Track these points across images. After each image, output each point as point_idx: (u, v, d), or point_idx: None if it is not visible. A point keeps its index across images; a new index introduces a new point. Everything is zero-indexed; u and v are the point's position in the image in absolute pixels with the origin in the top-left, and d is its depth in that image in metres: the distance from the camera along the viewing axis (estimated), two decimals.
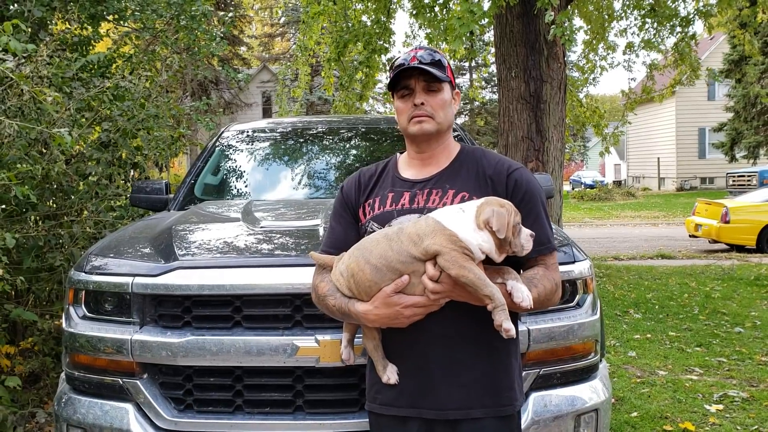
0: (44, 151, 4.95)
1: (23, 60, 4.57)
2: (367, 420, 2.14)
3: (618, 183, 38.98)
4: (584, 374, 2.80)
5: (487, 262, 1.84)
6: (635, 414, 4.65)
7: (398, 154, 2.19)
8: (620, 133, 13.86)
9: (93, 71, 6.60)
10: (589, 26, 13.77)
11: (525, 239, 1.83)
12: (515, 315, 1.97)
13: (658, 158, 36.68)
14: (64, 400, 2.74)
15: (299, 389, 2.57)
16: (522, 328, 2.64)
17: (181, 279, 2.58)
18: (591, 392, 2.77)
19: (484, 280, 1.72)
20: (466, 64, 41.44)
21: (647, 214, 24.07)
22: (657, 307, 8.28)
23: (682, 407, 4.80)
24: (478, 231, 1.76)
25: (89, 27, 9.27)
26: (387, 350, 1.95)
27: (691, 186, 34.68)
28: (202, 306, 2.60)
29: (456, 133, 4.71)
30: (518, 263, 1.96)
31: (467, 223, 1.77)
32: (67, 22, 9.69)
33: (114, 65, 6.90)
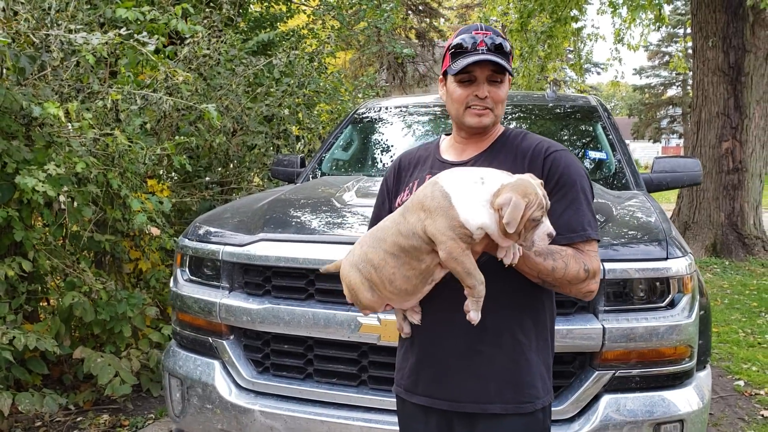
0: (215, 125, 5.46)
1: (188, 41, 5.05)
2: None
3: None
4: (673, 380, 2.56)
5: None
6: None
7: (443, 135, 2.13)
8: None
9: (260, 49, 7.08)
10: None
11: (539, 237, 1.65)
12: (551, 313, 1.89)
13: None
14: (169, 352, 3.07)
15: (364, 364, 2.65)
16: (596, 325, 2.48)
17: (262, 250, 2.75)
18: (679, 400, 2.53)
19: (471, 273, 1.64)
20: (681, 31, 38.07)
21: None
22: None
23: None
24: (487, 209, 1.61)
25: (276, 4, 9.90)
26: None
27: None
28: (281, 277, 2.76)
29: (596, 113, 4.42)
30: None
31: (480, 197, 1.62)
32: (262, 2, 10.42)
33: (285, 42, 7.33)
